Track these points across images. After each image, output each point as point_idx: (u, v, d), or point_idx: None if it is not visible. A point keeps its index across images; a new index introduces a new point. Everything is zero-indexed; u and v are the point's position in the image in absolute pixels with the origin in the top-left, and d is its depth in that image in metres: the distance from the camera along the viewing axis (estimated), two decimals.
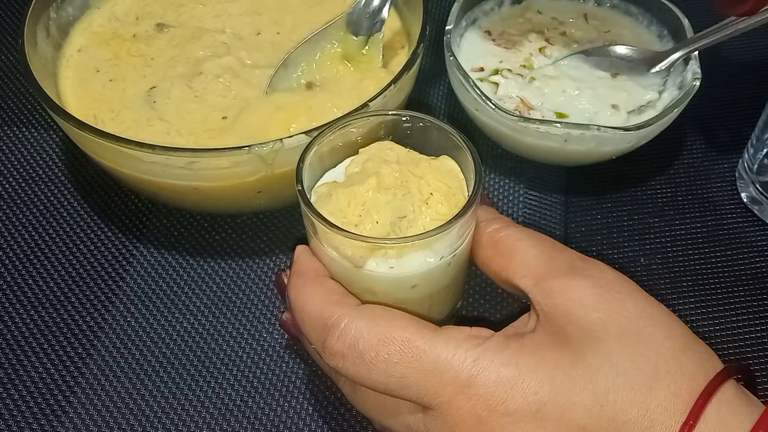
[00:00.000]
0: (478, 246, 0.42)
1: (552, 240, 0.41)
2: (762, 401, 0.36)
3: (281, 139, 0.46)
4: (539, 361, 0.36)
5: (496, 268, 0.41)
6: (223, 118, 0.54)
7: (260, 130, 0.52)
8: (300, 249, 0.42)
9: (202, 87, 0.56)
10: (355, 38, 0.56)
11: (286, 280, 0.43)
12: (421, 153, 0.43)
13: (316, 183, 0.43)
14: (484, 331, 0.37)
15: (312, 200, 0.41)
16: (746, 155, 0.59)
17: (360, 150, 0.43)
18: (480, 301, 0.54)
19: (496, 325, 0.39)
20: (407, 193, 0.40)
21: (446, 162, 0.42)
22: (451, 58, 0.56)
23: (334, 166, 0.44)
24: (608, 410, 0.34)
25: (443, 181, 0.41)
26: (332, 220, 0.38)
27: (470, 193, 0.39)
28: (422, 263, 0.39)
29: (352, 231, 0.38)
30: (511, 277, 0.40)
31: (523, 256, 0.40)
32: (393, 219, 0.39)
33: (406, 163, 0.42)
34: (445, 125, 0.42)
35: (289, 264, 0.43)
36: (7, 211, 0.59)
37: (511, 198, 0.60)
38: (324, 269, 0.41)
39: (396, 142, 0.43)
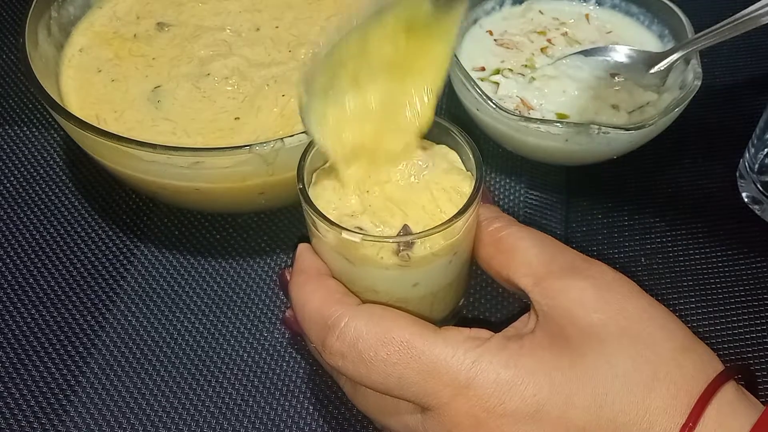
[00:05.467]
0: (479, 244, 0.42)
1: (553, 240, 0.41)
2: (762, 401, 0.36)
3: (282, 139, 0.46)
4: (538, 362, 0.35)
5: (497, 267, 0.41)
6: (235, 119, 0.54)
7: (271, 131, 0.53)
8: (302, 247, 0.42)
9: (211, 88, 0.56)
10: None
11: (289, 278, 0.43)
12: None
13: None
14: (484, 333, 0.37)
15: (312, 181, 0.41)
16: (747, 155, 0.59)
17: None
18: (481, 301, 0.54)
19: (497, 326, 0.39)
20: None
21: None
22: (453, 57, 0.56)
23: None
24: (607, 411, 0.34)
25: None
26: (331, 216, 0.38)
27: (471, 192, 0.39)
28: None
29: (351, 229, 0.38)
30: (511, 276, 0.40)
31: (524, 256, 0.40)
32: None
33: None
34: (447, 123, 0.42)
35: (291, 262, 0.43)
36: (8, 211, 0.59)
37: (512, 197, 0.60)
38: (325, 267, 0.41)
39: None
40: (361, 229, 0.38)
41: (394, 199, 0.40)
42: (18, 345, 0.52)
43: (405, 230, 0.38)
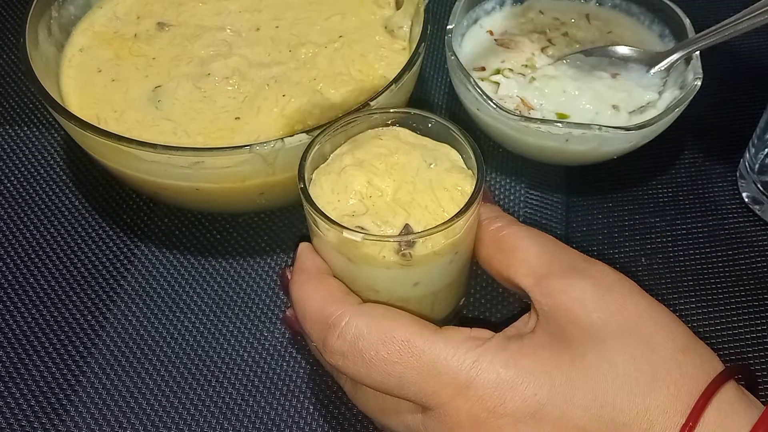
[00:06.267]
0: (480, 244, 0.42)
1: (554, 239, 0.41)
2: (762, 401, 0.36)
3: (282, 138, 0.46)
4: (538, 362, 0.35)
5: (498, 267, 0.41)
6: (236, 118, 0.54)
7: (271, 131, 0.53)
8: (303, 246, 0.42)
9: (211, 87, 0.56)
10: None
11: (290, 277, 0.43)
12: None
13: None
14: (484, 332, 0.37)
15: (312, 180, 0.41)
16: (747, 155, 0.59)
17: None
18: (481, 300, 0.54)
19: (497, 326, 0.39)
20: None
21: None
22: (453, 57, 0.56)
23: None
24: (607, 411, 0.34)
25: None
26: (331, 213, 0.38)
27: (472, 191, 0.39)
28: None
29: (352, 228, 0.38)
30: (512, 276, 0.40)
31: (525, 255, 0.40)
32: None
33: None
34: (448, 123, 0.42)
35: (292, 261, 0.43)
36: (9, 210, 0.59)
37: (512, 197, 0.60)
38: (326, 267, 0.41)
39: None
40: (362, 228, 0.38)
41: (396, 198, 0.40)
42: (18, 345, 0.52)
43: (406, 229, 0.38)
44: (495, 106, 0.53)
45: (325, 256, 0.41)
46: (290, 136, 0.46)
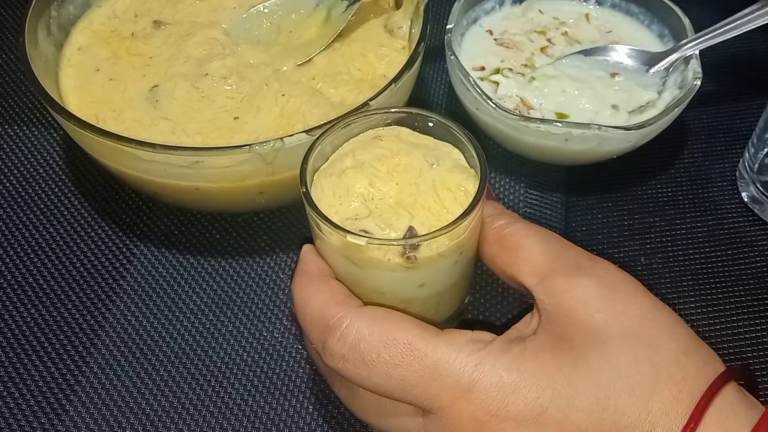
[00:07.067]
0: (484, 241, 0.42)
1: (559, 237, 0.41)
2: (762, 402, 0.36)
3: (282, 138, 0.46)
4: (541, 365, 0.35)
5: (502, 265, 0.41)
6: (234, 118, 0.54)
7: (271, 131, 0.52)
8: (306, 248, 0.42)
9: (209, 87, 0.55)
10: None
11: None
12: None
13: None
14: (486, 335, 0.37)
15: (313, 183, 0.41)
16: (747, 155, 0.59)
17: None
18: (480, 300, 0.54)
19: (498, 327, 0.39)
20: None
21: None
22: (452, 57, 0.56)
23: None
24: (610, 414, 0.34)
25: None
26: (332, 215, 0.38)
27: (476, 192, 0.39)
28: None
29: (356, 232, 0.38)
30: (515, 274, 0.40)
31: (529, 253, 0.40)
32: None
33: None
34: (449, 121, 0.42)
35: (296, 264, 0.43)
36: (8, 210, 0.59)
37: (512, 197, 0.60)
38: (329, 269, 0.41)
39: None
40: (365, 231, 0.38)
41: (399, 200, 0.40)
42: (18, 345, 0.52)
43: (410, 232, 0.38)
44: (494, 106, 0.53)
45: (328, 258, 0.41)
46: (290, 135, 0.46)
